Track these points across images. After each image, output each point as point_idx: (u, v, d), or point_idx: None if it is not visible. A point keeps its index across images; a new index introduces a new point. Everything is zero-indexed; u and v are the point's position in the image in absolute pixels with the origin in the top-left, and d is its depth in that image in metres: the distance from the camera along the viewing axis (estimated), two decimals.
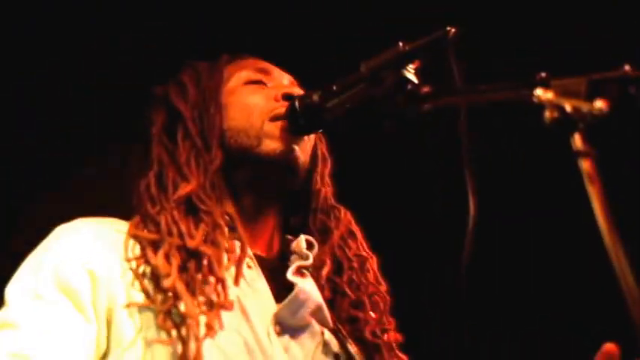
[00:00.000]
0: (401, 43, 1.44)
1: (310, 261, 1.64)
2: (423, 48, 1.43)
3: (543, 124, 1.13)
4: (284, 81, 1.78)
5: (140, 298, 1.43)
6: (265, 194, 1.68)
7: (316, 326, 1.57)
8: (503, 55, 2.61)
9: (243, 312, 1.48)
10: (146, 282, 1.43)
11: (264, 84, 1.75)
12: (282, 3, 2.70)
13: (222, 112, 1.67)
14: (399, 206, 3.01)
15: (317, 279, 1.65)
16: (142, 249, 1.48)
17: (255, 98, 1.70)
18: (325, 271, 1.66)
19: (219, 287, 1.45)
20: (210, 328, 1.38)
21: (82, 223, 1.57)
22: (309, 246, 1.68)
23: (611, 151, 1.28)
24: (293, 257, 1.67)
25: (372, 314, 1.69)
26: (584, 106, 1.12)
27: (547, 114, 1.13)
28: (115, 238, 1.52)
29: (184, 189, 1.55)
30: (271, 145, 1.63)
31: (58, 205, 2.35)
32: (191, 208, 1.53)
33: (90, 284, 1.43)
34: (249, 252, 1.58)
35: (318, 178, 1.78)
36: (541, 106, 1.15)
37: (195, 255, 1.46)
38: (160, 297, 1.40)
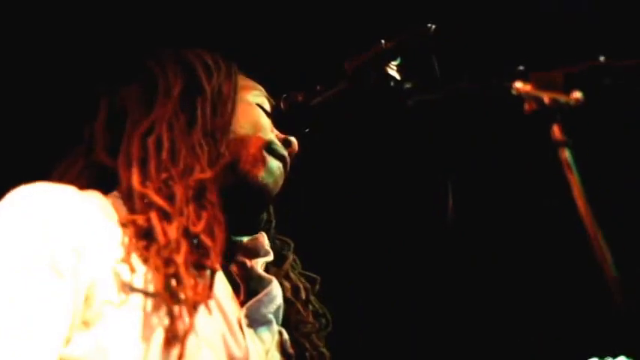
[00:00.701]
0: (383, 41, 1.47)
1: (271, 257, 1.67)
2: (404, 45, 1.46)
3: (522, 116, 1.17)
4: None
5: (137, 261, 1.37)
6: (234, 205, 1.63)
7: (275, 325, 1.59)
8: (482, 49, 2.64)
9: (218, 304, 1.48)
10: (144, 246, 1.38)
11: (270, 116, 1.75)
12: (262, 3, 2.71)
13: (234, 111, 1.65)
14: (383, 209, 3.02)
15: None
16: (145, 211, 1.43)
17: (265, 123, 1.71)
18: (283, 291, 1.68)
19: (208, 276, 1.42)
20: (199, 303, 1.36)
21: (54, 189, 1.43)
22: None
23: (588, 141, 1.31)
24: (238, 254, 1.67)
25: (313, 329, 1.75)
26: (562, 98, 1.15)
27: (526, 106, 1.17)
28: (92, 204, 1.44)
29: (203, 174, 1.51)
30: (260, 174, 1.64)
31: None
32: (199, 194, 1.50)
33: (74, 261, 1.34)
34: None
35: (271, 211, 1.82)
36: (520, 98, 1.18)
37: (194, 241, 1.44)
38: (158, 263, 1.36)
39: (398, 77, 1.45)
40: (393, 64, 1.45)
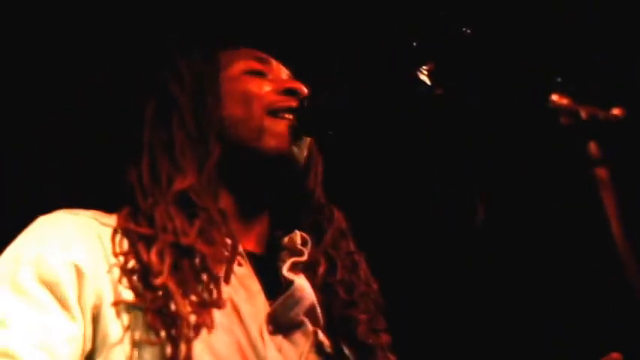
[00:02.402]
0: (415, 44, 1.42)
1: (305, 257, 1.60)
2: (437, 49, 1.41)
3: (558, 130, 1.12)
4: (282, 75, 1.74)
5: (129, 295, 1.36)
6: (260, 190, 1.63)
7: (309, 326, 1.52)
8: (519, 59, 2.59)
9: (236, 311, 1.43)
10: (135, 279, 1.37)
11: (265, 74, 1.71)
12: None
13: (220, 100, 1.61)
14: (394, 206, 2.98)
15: (310, 277, 1.61)
16: (132, 244, 1.42)
17: (257, 88, 1.65)
18: (321, 269, 1.62)
19: (212, 285, 1.40)
20: (201, 328, 1.34)
21: (64, 214, 1.49)
22: (303, 242, 1.64)
23: (626, 159, 1.26)
24: (283, 253, 1.62)
25: (364, 315, 1.65)
26: (600, 113, 1.10)
27: (562, 120, 1.11)
28: (100, 230, 1.45)
29: (181, 183, 1.49)
30: (272, 142, 1.59)
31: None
32: (186, 203, 1.47)
33: (75, 280, 1.37)
34: (240, 249, 1.53)
35: (312, 177, 1.73)
36: (556, 111, 1.13)
37: (188, 252, 1.41)
38: (149, 295, 1.35)
39: (429, 82, 1.40)
40: (424, 68, 1.41)
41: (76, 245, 1.41)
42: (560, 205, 2.81)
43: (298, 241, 1.63)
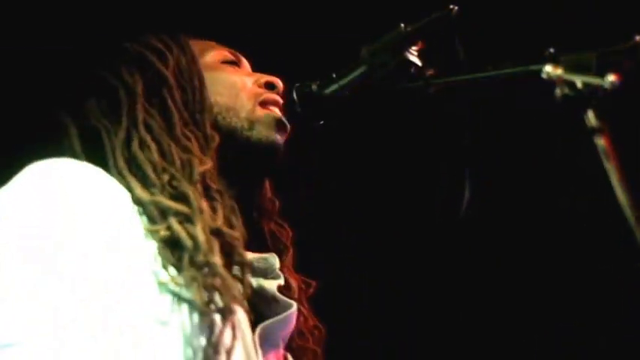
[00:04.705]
0: (402, 25, 1.39)
1: (282, 281, 1.57)
2: (425, 28, 1.38)
3: (554, 102, 1.10)
4: (249, 68, 1.72)
5: (171, 272, 1.28)
6: (245, 179, 1.59)
7: (281, 349, 1.51)
8: (508, 31, 2.56)
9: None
10: (176, 254, 1.29)
11: (239, 66, 1.69)
12: None
13: (205, 85, 1.57)
14: (392, 205, 2.96)
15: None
16: (163, 218, 1.33)
17: (240, 78, 1.63)
18: (295, 293, 1.61)
19: (240, 272, 1.34)
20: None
21: (73, 164, 1.37)
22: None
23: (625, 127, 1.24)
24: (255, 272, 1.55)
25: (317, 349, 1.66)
26: (596, 81, 1.08)
27: (558, 91, 1.09)
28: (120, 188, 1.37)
29: (204, 166, 1.44)
30: (263, 133, 1.57)
31: None
32: (205, 187, 1.42)
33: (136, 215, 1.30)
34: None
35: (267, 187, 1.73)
36: (551, 83, 1.11)
37: (220, 236, 1.34)
38: (197, 273, 1.26)
39: (419, 63, 1.37)
40: (414, 49, 1.38)
41: (110, 190, 1.34)
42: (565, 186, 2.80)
43: (276, 263, 1.58)
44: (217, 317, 1.25)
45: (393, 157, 2.85)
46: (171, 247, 1.30)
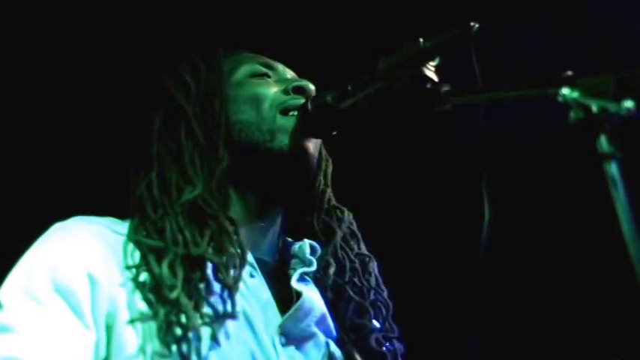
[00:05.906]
0: (421, 40, 1.39)
1: (314, 267, 1.59)
2: (444, 44, 1.38)
3: (568, 125, 1.09)
4: (288, 76, 1.73)
5: (142, 307, 1.37)
6: (272, 193, 1.62)
7: (321, 337, 1.52)
8: (527, 53, 2.56)
9: (249, 322, 1.43)
10: (148, 292, 1.37)
11: (270, 77, 1.70)
12: None
13: (227, 106, 1.60)
14: (404, 209, 2.96)
15: (321, 283, 1.60)
16: (144, 256, 1.42)
17: (265, 90, 1.64)
18: (331, 271, 1.61)
19: (225, 295, 1.40)
20: (214, 340, 1.34)
21: (80, 222, 1.50)
22: (312, 251, 1.62)
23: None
24: (294, 262, 1.62)
25: (376, 322, 1.63)
26: (611, 106, 1.08)
27: (572, 114, 1.09)
28: (113, 240, 1.46)
29: (190, 193, 1.48)
30: (285, 141, 1.57)
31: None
32: (196, 213, 1.47)
33: (89, 288, 1.37)
34: (251, 258, 1.52)
35: (322, 179, 1.73)
36: (566, 105, 1.11)
37: (200, 263, 1.40)
38: (162, 309, 1.35)
39: (435, 79, 1.37)
40: (431, 64, 1.37)
41: (90, 254, 1.42)
42: (571, 202, 2.79)
43: (307, 250, 1.62)
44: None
45: (402, 172, 2.85)
46: (145, 286, 1.39)
